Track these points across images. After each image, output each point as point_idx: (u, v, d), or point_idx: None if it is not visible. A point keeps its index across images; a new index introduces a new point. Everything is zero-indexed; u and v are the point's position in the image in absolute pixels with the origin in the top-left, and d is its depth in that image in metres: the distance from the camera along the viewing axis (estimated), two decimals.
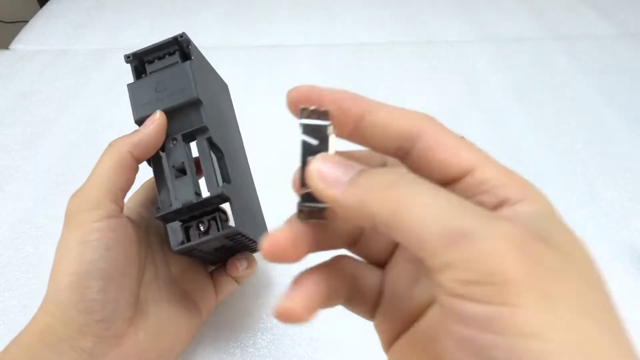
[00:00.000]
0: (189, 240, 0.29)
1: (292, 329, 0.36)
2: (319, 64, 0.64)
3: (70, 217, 0.27)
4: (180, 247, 0.29)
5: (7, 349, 0.26)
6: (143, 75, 0.30)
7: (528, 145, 0.52)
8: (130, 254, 0.28)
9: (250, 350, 0.35)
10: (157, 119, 0.28)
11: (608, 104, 0.58)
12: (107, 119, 0.56)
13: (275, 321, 0.36)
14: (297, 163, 0.17)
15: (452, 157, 0.17)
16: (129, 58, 0.29)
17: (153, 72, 0.30)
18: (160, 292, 0.31)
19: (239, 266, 0.34)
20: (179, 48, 0.30)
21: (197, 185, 0.28)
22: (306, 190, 0.17)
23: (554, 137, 0.53)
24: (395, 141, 0.17)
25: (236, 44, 0.69)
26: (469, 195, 0.16)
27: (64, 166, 0.50)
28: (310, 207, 0.18)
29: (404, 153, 0.18)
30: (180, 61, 0.30)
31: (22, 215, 0.45)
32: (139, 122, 0.29)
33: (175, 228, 0.30)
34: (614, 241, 0.42)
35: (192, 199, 0.28)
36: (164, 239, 0.33)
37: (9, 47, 0.71)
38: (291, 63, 0.64)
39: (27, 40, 0.72)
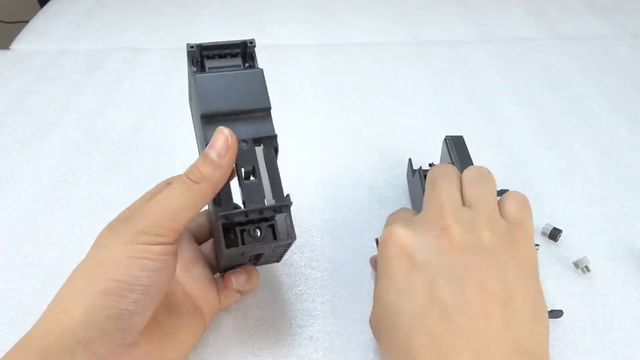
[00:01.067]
0: (243, 243, 0.29)
1: (292, 329, 0.36)
2: (319, 64, 0.64)
3: (128, 234, 0.27)
4: (232, 250, 0.29)
5: (18, 346, 0.26)
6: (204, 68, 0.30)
7: (528, 145, 0.52)
8: (171, 276, 0.28)
9: (251, 350, 0.35)
10: (232, 146, 0.27)
11: (608, 104, 0.58)
12: (107, 119, 0.56)
13: (275, 320, 0.37)
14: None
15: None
16: (192, 48, 0.30)
17: (213, 68, 0.30)
18: (168, 299, 0.31)
19: (234, 281, 0.33)
20: (242, 52, 0.31)
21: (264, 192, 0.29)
22: None
23: (553, 137, 0.53)
24: None
25: None
26: None
27: (64, 166, 0.50)
28: None
29: None
30: (242, 65, 0.30)
31: (22, 215, 0.45)
32: (206, 115, 0.29)
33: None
34: (614, 241, 0.42)
35: (262, 205, 0.28)
36: None
37: (9, 47, 0.71)
38: (291, 63, 0.64)
39: (28, 40, 0.72)
